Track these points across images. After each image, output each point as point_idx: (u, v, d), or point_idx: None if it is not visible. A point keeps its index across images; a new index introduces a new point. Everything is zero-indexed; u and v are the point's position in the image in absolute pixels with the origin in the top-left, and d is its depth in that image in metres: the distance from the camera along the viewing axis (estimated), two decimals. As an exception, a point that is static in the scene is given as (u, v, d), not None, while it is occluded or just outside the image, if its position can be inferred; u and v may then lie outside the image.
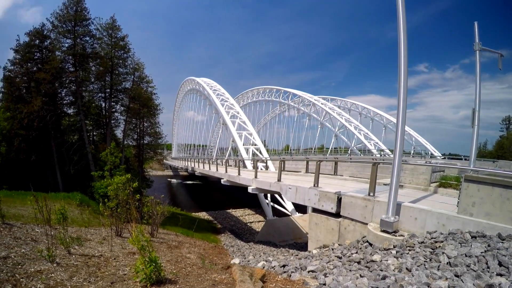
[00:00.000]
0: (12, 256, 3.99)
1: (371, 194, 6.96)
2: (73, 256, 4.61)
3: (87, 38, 27.49)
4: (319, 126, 46.35)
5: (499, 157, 41.80)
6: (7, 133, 24.36)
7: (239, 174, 17.40)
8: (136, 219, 8.10)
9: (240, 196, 38.44)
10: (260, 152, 28.11)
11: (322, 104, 46.94)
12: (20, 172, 23.47)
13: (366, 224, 6.66)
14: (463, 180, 5.17)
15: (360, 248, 5.80)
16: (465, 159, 28.22)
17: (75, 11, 25.91)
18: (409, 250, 4.55)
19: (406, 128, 39.55)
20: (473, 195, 4.90)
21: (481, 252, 3.73)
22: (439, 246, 4.32)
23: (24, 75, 24.90)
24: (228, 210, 33.23)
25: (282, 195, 12.47)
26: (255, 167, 16.08)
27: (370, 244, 5.84)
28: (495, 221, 4.60)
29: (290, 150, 58.32)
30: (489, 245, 3.95)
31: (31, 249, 4.45)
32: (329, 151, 44.38)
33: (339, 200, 7.72)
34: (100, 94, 30.01)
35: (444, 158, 39.85)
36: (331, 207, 7.93)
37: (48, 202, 4.90)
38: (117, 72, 29.42)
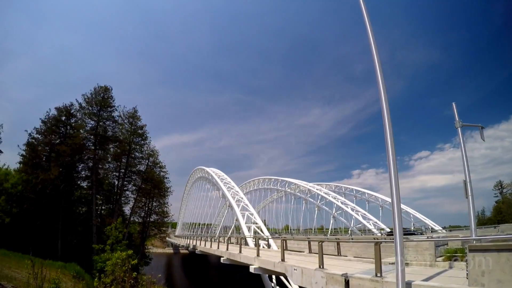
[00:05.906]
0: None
1: (378, 274, 6.28)
2: (55, 334, 3.90)
3: (109, 122, 29.32)
4: (316, 209, 46.61)
5: (500, 222, 39.93)
6: (20, 195, 23.70)
7: (240, 251, 15.91)
8: (129, 299, 7.19)
9: (242, 277, 34.02)
10: (261, 230, 26.91)
11: (317, 189, 48.25)
12: (22, 233, 22.13)
13: (378, 308, 5.76)
14: (468, 251, 4.81)
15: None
16: (466, 229, 26.30)
17: (102, 97, 28.32)
18: (427, 333, 3.83)
19: (403, 206, 38.97)
20: (480, 265, 4.47)
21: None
22: (458, 326, 3.65)
23: (47, 145, 25.42)
24: (226, 297, 28.93)
25: (287, 277, 11.07)
26: (257, 245, 14.49)
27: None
28: (508, 287, 4.11)
29: (290, 229, 56.12)
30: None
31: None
32: (329, 231, 43.06)
33: (347, 283, 6.86)
34: (114, 173, 30.57)
35: (445, 229, 37.57)
36: (340, 292, 6.96)
37: (44, 269, 4.45)
38: (133, 155, 30.75)
